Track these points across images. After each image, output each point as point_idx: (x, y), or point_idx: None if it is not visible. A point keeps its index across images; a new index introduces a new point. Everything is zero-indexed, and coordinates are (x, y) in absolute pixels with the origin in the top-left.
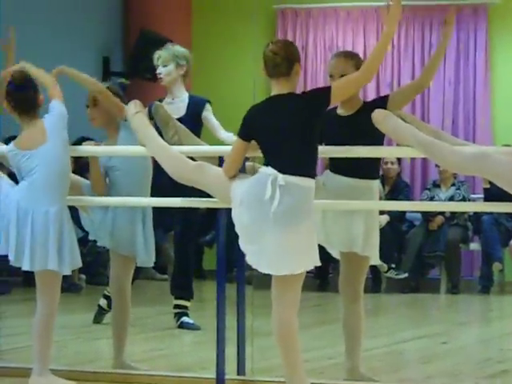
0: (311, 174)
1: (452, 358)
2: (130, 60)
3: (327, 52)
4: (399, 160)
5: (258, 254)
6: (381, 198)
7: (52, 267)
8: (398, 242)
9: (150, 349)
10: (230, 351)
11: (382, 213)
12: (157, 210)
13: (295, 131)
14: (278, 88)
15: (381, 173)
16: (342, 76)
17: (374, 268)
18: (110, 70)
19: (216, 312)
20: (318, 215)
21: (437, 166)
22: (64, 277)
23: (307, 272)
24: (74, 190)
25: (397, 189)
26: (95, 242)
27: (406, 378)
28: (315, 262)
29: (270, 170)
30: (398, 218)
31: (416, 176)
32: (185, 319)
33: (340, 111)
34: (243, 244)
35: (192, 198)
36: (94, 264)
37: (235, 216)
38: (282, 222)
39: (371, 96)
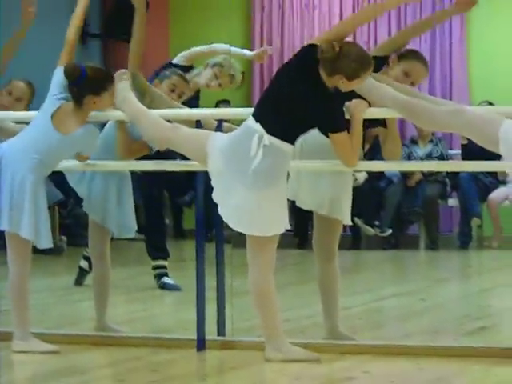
0: (293, 142)
1: (431, 315)
2: (106, 22)
3: (304, 10)
4: None
5: (230, 208)
6: (360, 157)
7: (26, 236)
8: (376, 199)
9: (132, 310)
10: (211, 311)
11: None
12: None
13: (303, 112)
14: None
15: None
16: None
17: (352, 224)
18: (88, 31)
19: (196, 273)
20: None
21: None
22: None
23: (286, 230)
24: None
25: (376, 147)
26: (75, 204)
27: (385, 335)
28: (286, 225)
29: (257, 126)
30: (375, 175)
31: None
32: (165, 280)
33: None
34: (217, 196)
35: (165, 161)
36: (75, 226)
37: (212, 165)
38: (259, 181)
39: None
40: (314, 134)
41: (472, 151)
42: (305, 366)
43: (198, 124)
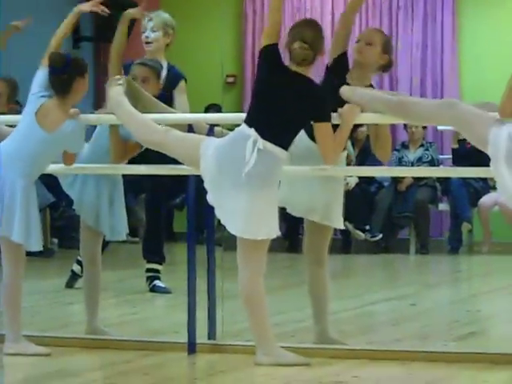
0: (287, 147)
1: (420, 319)
2: (98, 24)
3: (295, 14)
4: None
5: (226, 211)
6: (351, 161)
7: (17, 239)
8: (367, 203)
9: (123, 313)
10: (202, 315)
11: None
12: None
13: (293, 109)
14: (299, 68)
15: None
16: (368, 44)
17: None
18: (80, 34)
19: (187, 276)
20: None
21: (405, 127)
22: None
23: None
24: None
25: (366, 151)
26: (66, 206)
27: (375, 340)
28: (276, 231)
29: (251, 131)
30: (366, 179)
31: None
32: (157, 283)
33: (349, 77)
34: (212, 199)
35: (158, 165)
36: (66, 228)
37: (205, 169)
38: (253, 185)
39: None
40: (303, 138)
41: (463, 155)
42: (295, 370)
43: (190, 128)
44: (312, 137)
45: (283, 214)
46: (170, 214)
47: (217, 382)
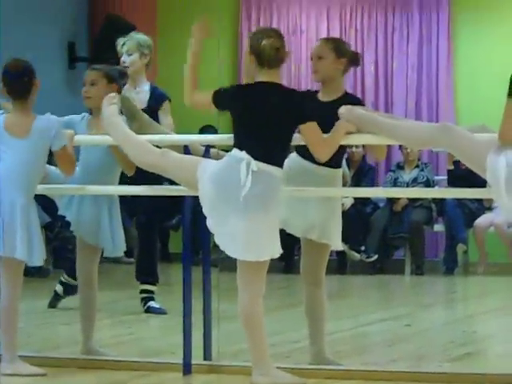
0: (281, 164)
1: (416, 340)
2: (95, 45)
3: (291, 36)
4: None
5: (225, 236)
6: (347, 183)
7: (20, 256)
8: (362, 224)
9: (118, 334)
10: (198, 335)
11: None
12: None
13: (274, 121)
14: (266, 76)
15: (346, 156)
16: (320, 58)
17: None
18: (76, 55)
19: (182, 297)
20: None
21: (401, 148)
22: None
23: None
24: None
25: (361, 172)
26: (62, 227)
27: (370, 361)
28: (278, 250)
29: (242, 154)
30: (362, 200)
31: None
32: (151, 304)
33: (321, 94)
34: (212, 225)
35: (155, 186)
36: (61, 249)
37: (203, 194)
38: (251, 207)
39: None
40: (299, 160)
41: (458, 176)
42: None
43: (187, 149)
44: (304, 156)
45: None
46: (165, 234)
47: None
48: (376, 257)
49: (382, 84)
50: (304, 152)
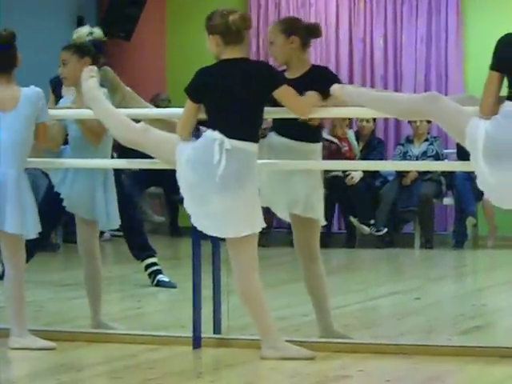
0: (255, 139)
1: (425, 314)
2: (103, 19)
3: (299, 9)
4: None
5: (204, 216)
6: (356, 156)
7: (10, 229)
8: (371, 197)
9: (127, 307)
10: (207, 309)
11: None
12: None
13: (244, 95)
14: (232, 53)
15: (355, 129)
16: (271, 43)
17: (347, 223)
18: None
19: (192, 271)
20: (263, 177)
21: (410, 122)
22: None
23: (281, 227)
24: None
25: (371, 145)
26: None
27: (380, 334)
28: (260, 224)
29: (216, 134)
30: (371, 173)
31: (389, 132)
32: (160, 277)
33: (287, 74)
34: (189, 206)
35: (137, 160)
36: (69, 223)
37: (180, 177)
38: (228, 185)
39: (343, 51)
40: (278, 138)
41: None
42: (300, 363)
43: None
44: (283, 134)
45: None
46: (174, 208)
47: (223, 376)
48: (385, 230)
49: (391, 57)
50: (282, 130)
